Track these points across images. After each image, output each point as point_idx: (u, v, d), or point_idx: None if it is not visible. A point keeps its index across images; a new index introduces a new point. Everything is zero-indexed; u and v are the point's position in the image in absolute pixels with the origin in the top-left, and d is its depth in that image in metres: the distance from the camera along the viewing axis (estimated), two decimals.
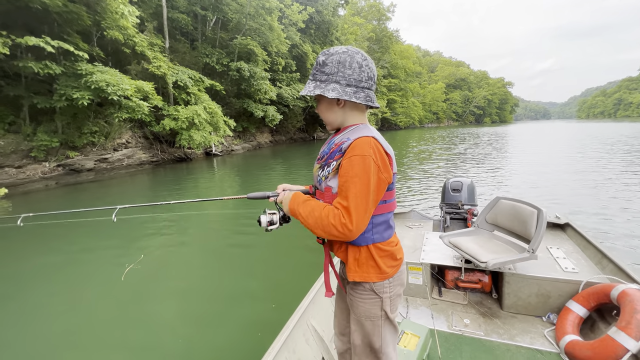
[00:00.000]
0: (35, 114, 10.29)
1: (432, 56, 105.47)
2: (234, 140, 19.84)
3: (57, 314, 2.92)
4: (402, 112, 53.20)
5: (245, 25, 18.25)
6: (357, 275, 1.02)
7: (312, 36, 27.13)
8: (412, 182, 8.55)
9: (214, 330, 2.61)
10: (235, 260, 4.07)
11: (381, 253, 1.02)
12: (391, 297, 1.05)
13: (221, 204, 6.79)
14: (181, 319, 2.79)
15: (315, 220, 0.94)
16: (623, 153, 12.79)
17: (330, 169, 0.99)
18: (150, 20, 14.54)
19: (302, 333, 1.68)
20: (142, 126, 13.92)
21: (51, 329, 2.69)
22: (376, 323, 1.05)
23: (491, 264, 1.92)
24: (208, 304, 3.02)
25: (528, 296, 2.08)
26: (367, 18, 49.70)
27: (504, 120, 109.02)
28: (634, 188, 6.99)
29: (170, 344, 2.44)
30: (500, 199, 2.39)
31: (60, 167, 10.41)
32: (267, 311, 2.80)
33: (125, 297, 3.16)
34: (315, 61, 1.00)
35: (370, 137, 0.93)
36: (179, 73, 13.98)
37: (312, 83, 0.99)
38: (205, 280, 3.57)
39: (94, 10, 10.41)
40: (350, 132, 0.99)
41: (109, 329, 2.70)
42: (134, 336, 2.58)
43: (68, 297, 3.25)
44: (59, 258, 4.19)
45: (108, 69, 10.18)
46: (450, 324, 2.06)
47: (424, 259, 2.37)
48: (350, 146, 0.93)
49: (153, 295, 3.22)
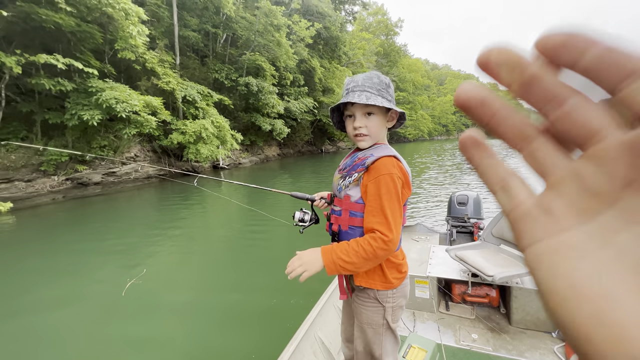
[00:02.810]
0: (47, 129, 10.53)
1: (440, 69, 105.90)
2: (241, 153, 19.94)
3: (49, 329, 2.80)
4: (411, 125, 53.03)
5: (254, 41, 18.65)
6: (364, 281, 1.10)
7: (320, 51, 27.55)
8: (419, 195, 8.28)
9: (219, 345, 2.52)
10: (240, 275, 3.98)
11: (388, 264, 1.09)
12: (393, 307, 1.11)
13: (227, 216, 6.80)
14: (182, 337, 2.69)
15: (358, 256, 0.97)
16: None
17: (352, 179, 1.08)
18: (161, 38, 14.99)
19: (309, 345, 1.69)
20: (151, 140, 14.12)
21: (40, 345, 2.52)
22: (377, 331, 1.11)
23: (498, 277, 1.92)
24: (212, 319, 2.94)
25: (537, 311, 2.06)
26: (375, 33, 50.46)
27: None
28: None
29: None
30: None
31: (69, 180, 10.54)
32: (274, 325, 2.73)
33: (124, 314, 3.07)
34: (378, 79, 1.07)
35: (393, 157, 1.04)
36: (188, 88, 14.24)
37: (380, 98, 1.05)
38: (208, 295, 3.47)
39: (106, 30, 10.75)
40: (374, 149, 1.08)
41: (104, 348, 2.57)
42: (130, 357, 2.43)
43: (63, 312, 3.14)
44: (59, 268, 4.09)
45: (118, 85, 10.40)
46: (458, 339, 2.05)
47: (430, 272, 2.36)
48: (376, 164, 1.02)
49: (153, 313, 3.11)
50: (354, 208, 1.07)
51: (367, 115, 1.09)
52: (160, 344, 2.61)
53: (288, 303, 3.16)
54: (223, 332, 2.73)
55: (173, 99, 14.03)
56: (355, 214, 1.07)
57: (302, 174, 14.88)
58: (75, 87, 9.72)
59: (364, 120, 1.09)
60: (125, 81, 13.22)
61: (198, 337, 2.68)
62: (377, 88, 1.06)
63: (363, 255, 0.96)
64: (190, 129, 13.32)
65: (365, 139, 1.11)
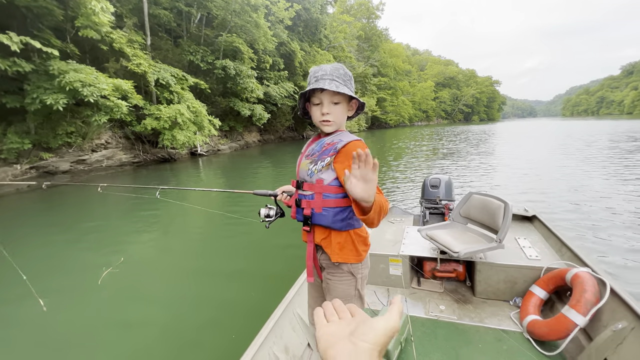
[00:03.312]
0: (5, 113, 9.78)
1: (421, 55, 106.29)
2: (220, 139, 19.46)
3: (19, 321, 2.73)
4: (392, 111, 53.40)
5: (230, 22, 17.86)
6: (340, 257, 1.18)
7: (300, 34, 26.84)
8: (395, 179, 8.49)
9: (198, 329, 2.55)
10: (218, 260, 4.00)
11: (358, 238, 1.20)
12: (362, 277, 1.24)
13: (206, 204, 6.73)
14: (161, 322, 2.71)
15: (377, 203, 0.93)
16: (603, 150, 13.02)
17: (324, 163, 1.14)
18: (129, 16, 14.05)
19: (288, 321, 1.80)
20: (123, 126, 13.46)
21: (9, 335, 2.47)
22: (351, 302, 1.16)
23: (463, 253, 2.08)
24: (191, 303, 2.98)
25: (497, 282, 2.26)
26: (356, 16, 49.59)
27: (492, 118, 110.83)
28: (611, 184, 7.10)
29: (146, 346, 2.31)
30: (473, 194, 2.55)
31: (33, 169, 9.95)
32: (254, 307, 2.81)
33: (100, 303, 3.04)
34: (344, 72, 1.16)
35: (361, 141, 1.13)
36: (161, 71, 13.56)
37: (345, 87, 1.13)
38: (187, 279, 3.49)
39: (66, 5, 9.94)
40: (340, 135, 1.17)
41: (79, 337, 2.55)
42: (106, 345, 2.42)
43: (34, 303, 3.03)
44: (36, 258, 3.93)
45: (83, 67, 9.74)
46: (427, 310, 2.21)
47: (403, 251, 2.51)
48: (348, 147, 1.10)
49: (131, 300, 3.10)
50: (328, 190, 1.14)
51: (333, 104, 1.16)
52: (139, 330, 2.61)
53: (266, 286, 3.23)
54: (202, 316, 2.76)
55: (145, 82, 13.34)
56: (329, 196, 1.14)
57: (282, 160, 14.79)
58: (34, 69, 9.02)
59: (331, 108, 1.15)
60: (90, 62, 12.37)
61: (177, 321, 2.70)
62: (344, 79, 1.14)
63: (382, 206, 0.96)
64: (164, 114, 12.79)
65: (330, 125, 1.18)
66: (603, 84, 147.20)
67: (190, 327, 2.60)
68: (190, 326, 2.61)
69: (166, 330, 2.59)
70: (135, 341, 2.48)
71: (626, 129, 24.83)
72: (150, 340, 2.47)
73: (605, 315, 1.69)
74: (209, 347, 2.34)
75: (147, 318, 2.78)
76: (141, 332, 2.60)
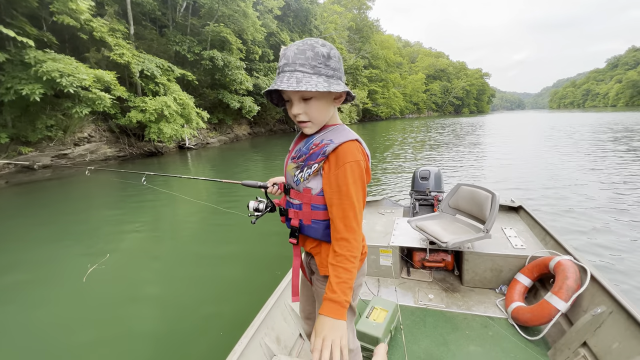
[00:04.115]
0: None
1: (412, 47, 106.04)
2: (209, 132, 19.10)
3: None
4: (383, 103, 53.34)
5: (217, 11, 17.35)
6: (327, 270, 1.06)
7: (289, 24, 26.35)
8: (385, 170, 8.49)
9: (187, 324, 2.52)
10: (208, 254, 3.91)
11: None
12: (355, 287, 1.09)
13: (194, 195, 6.65)
14: (150, 317, 2.66)
15: (349, 278, 0.89)
16: (584, 141, 13.29)
17: (311, 170, 0.96)
18: (111, 4, 13.47)
19: (280, 312, 1.81)
20: (107, 119, 13.04)
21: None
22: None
23: (451, 243, 2.12)
24: (180, 297, 2.93)
25: (484, 271, 2.31)
26: (347, 7, 48.94)
27: (482, 110, 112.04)
28: (588, 173, 7.33)
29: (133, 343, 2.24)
30: (461, 185, 2.57)
31: (12, 164, 9.56)
32: (244, 300, 2.77)
33: (85, 300, 2.96)
34: (312, 52, 0.88)
35: (356, 141, 0.94)
36: (146, 62, 13.11)
37: (316, 77, 0.88)
38: (177, 273, 3.42)
39: None
40: (331, 132, 0.97)
41: (63, 336, 2.47)
42: (90, 344, 2.35)
43: (15, 300, 2.94)
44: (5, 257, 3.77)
45: (62, 57, 9.30)
46: (416, 299, 2.26)
47: (393, 242, 2.54)
48: (338, 151, 0.91)
49: (117, 298, 3.01)
50: (316, 201, 0.98)
51: (304, 101, 0.92)
52: (124, 328, 2.54)
53: (257, 276, 3.20)
54: (191, 309, 2.72)
55: (129, 73, 12.89)
56: (318, 207, 0.99)
57: (273, 153, 14.62)
58: (9, 58, 8.58)
59: (302, 106, 0.93)
60: (70, 52, 11.85)
61: (165, 317, 2.64)
62: (312, 64, 0.87)
63: (349, 276, 0.89)
64: (150, 107, 12.42)
65: (307, 125, 0.97)
66: (589, 77, 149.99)
67: (179, 319, 2.55)
68: (179, 319, 2.56)
69: (154, 325, 2.52)
70: (121, 340, 2.39)
71: (608, 121, 25.46)
72: (137, 338, 2.40)
73: (585, 301, 1.76)
74: (200, 340, 2.30)
75: (134, 314, 2.71)
76: (126, 329, 2.52)
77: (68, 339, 2.45)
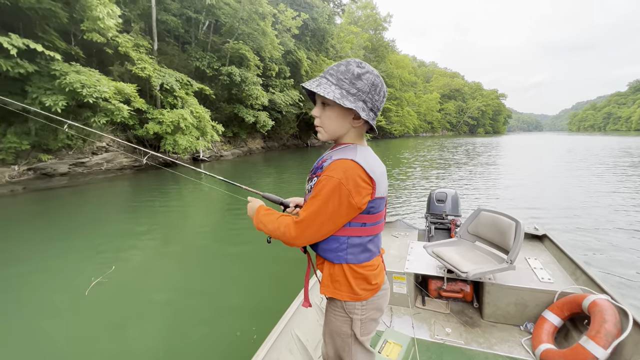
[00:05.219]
0: (7, 114, 9.68)
1: (427, 67, 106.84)
2: (223, 145, 19.35)
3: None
4: (397, 121, 53.32)
5: (238, 29, 17.95)
6: (328, 291, 1.04)
7: (307, 43, 26.98)
8: (400, 191, 8.20)
9: (189, 346, 2.37)
10: (215, 273, 3.78)
11: (355, 274, 1.01)
12: (362, 319, 1.04)
13: (205, 213, 6.53)
14: (150, 338, 2.50)
15: (273, 230, 1.00)
16: (612, 166, 12.61)
17: (312, 184, 1.01)
18: (137, 21, 14.12)
19: (286, 342, 1.69)
20: (126, 129, 13.38)
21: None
22: (345, 341, 1.07)
23: (472, 274, 1.97)
24: (183, 319, 2.76)
25: (507, 305, 2.13)
26: (363, 27, 50.05)
27: (497, 131, 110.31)
28: (617, 201, 6.82)
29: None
30: (482, 211, 2.43)
31: (31, 170, 9.80)
32: (250, 324, 2.61)
33: (84, 315, 2.82)
34: (345, 68, 0.93)
35: (350, 160, 0.92)
36: (166, 76, 13.52)
37: (337, 89, 0.92)
38: (181, 293, 3.25)
39: (72, 8, 9.93)
40: (337, 150, 1.00)
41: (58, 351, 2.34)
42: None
43: (12, 313, 2.82)
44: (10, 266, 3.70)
45: (85, 70, 9.67)
46: (432, 333, 2.09)
47: (408, 268, 2.40)
48: (329, 166, 0.94)
49: (118, 314, 2.87)
50: None
51: (322, 105, 0.99)
52: (124, 346, 2.39)
53: (265, 300, 3.01)
54: (194, 333, 2.54)
55: (150, 86, 13.30)
56: None
57: (285, 167, 14.58)
58: (37, 70, 8.96)
59: (319, 110, 1.00)
60: (97, 65, 12.38)
61: (167, 338, 2.48)
62: (338, 77, 0.92)
63: (275, 232, 0.99)
64: (167, 119, 12.71)
65: (319, 130, 1.02)
66: (610, 100, 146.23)
67: (178, 349, 2.36)
68: (177, 348, 2.37)
69: (147, 349, 2.35)
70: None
71: (636, 145, 24.37)
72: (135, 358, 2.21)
73: (627, 349, 1.56)
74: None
75: (129, 336, 2.54)
76: (119, 350, 2.35)
77: (55, 356, 2.29)
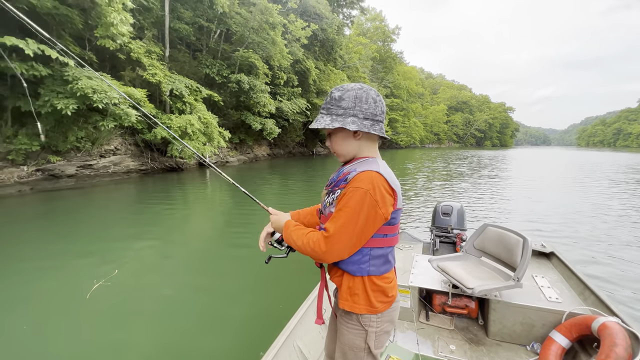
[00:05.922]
0: (19, 116, 9.88)
1: (435, 78, 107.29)
2: (229, 151, 19.47)
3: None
4: (403, 132, 53.31)
5: (248, 38, 18.25)
6: (347, 305, 1.05)
7: (315, 53, 27.30)
8: (405, 201, 8.07)
9: (193, 353, 2.32)
10: (219, 279, 3.71)
11: (374, 287, 1.04)
12: (377, 332, 1.06)
13: (210, 217, 6.49)
14: (150, 344, 2.44)
15: (303, 247, 1.01)
16: (621, 182, 12.31)
17: (335, 196, 1.04)
18: (150, 28, 14.45)
19: (287, 354, 1.67)
20: (134, 133, 13.54)
21: None
22: (358, 355, 1.07)
23: (477, 290, 1.93)
24: (184, 326, 2.67)
25: (513, 324, 2.09)
26: (372, 39, 50.62)
27: (505, 144, 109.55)
28: (626, 220, 6.62)
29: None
30: (488, 226, 2.40)
31: (39, 171, 9.92)
32: (252, 333, 2.57)
33: (84, 319, 2.77)
34: (329, 97, 1.04)
35: (375, 172, 0.97)
36: (176, 82, 13.73)
37: (328, 117, 1.03)
38: (183, 299, 3.19)
39: (88, 15, 10.20)
40: (359, 163, 1.04)
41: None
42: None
43: (12, 316, 2.76)
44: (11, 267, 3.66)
45: (97, 76, 9.83)
46: (436, 350, 2.05)
47: (412, 282, 2.36)
48: (354, 178, 0.97)
49: (119, 318, 2.80)
50: None
51: (329, 136, 1.11)
52: (122, 352, 2.33)
53: (267, 310, 2.94)
54: (195, 342, 2.47)
55: (160, 91, 13.51)
56: None
57: (289, 175, 14.56)
58: (50, 73, 9.15)
59: (329, 141, 1.12)
60: (110, 70, 12.64)
61: (167, 346, 2.41)
62: (328, 107, 1.04)
63: (304, 247, 1.00)
64: (175, 124, 12.84)
65: (337, 156, 1.12)
66: (620, 116, 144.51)
67: (178, 356, 2.30)
68: (178, 356, 2.31)
69: (151, 355, 2.29)
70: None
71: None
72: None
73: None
74: None
75: (135, 340, 2.49)
76: (124, 354, 2.30)
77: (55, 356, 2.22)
